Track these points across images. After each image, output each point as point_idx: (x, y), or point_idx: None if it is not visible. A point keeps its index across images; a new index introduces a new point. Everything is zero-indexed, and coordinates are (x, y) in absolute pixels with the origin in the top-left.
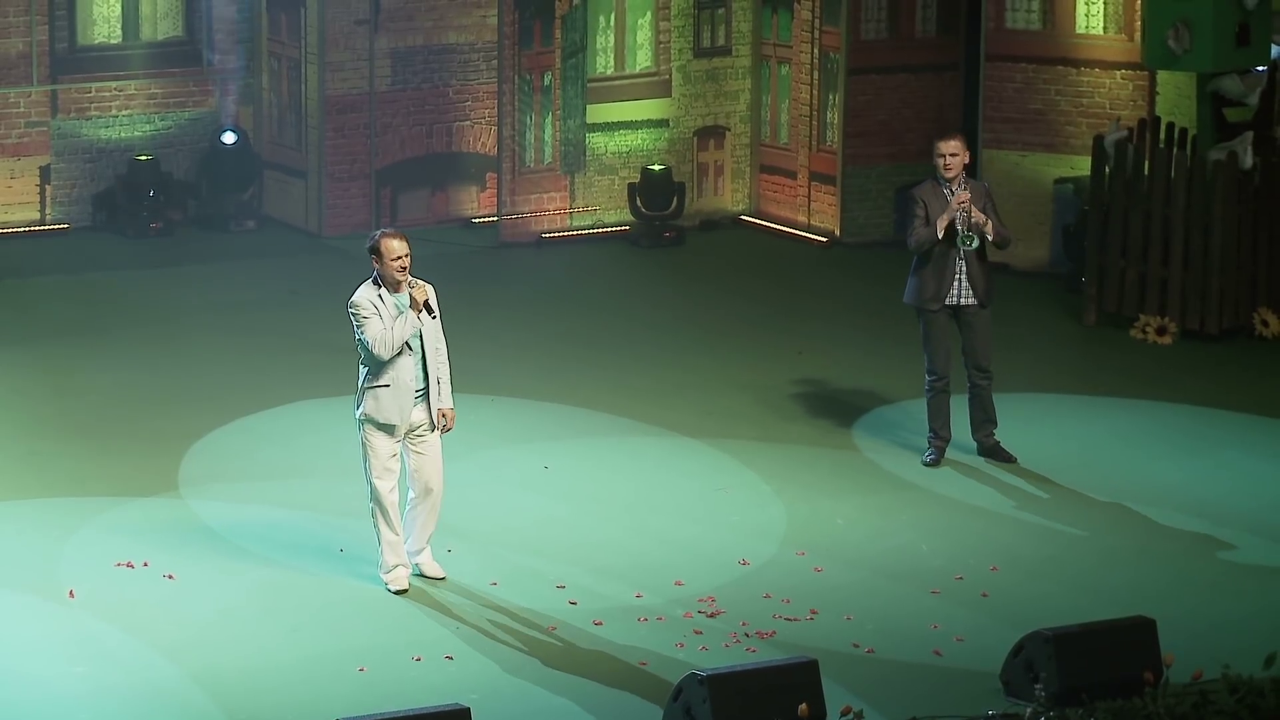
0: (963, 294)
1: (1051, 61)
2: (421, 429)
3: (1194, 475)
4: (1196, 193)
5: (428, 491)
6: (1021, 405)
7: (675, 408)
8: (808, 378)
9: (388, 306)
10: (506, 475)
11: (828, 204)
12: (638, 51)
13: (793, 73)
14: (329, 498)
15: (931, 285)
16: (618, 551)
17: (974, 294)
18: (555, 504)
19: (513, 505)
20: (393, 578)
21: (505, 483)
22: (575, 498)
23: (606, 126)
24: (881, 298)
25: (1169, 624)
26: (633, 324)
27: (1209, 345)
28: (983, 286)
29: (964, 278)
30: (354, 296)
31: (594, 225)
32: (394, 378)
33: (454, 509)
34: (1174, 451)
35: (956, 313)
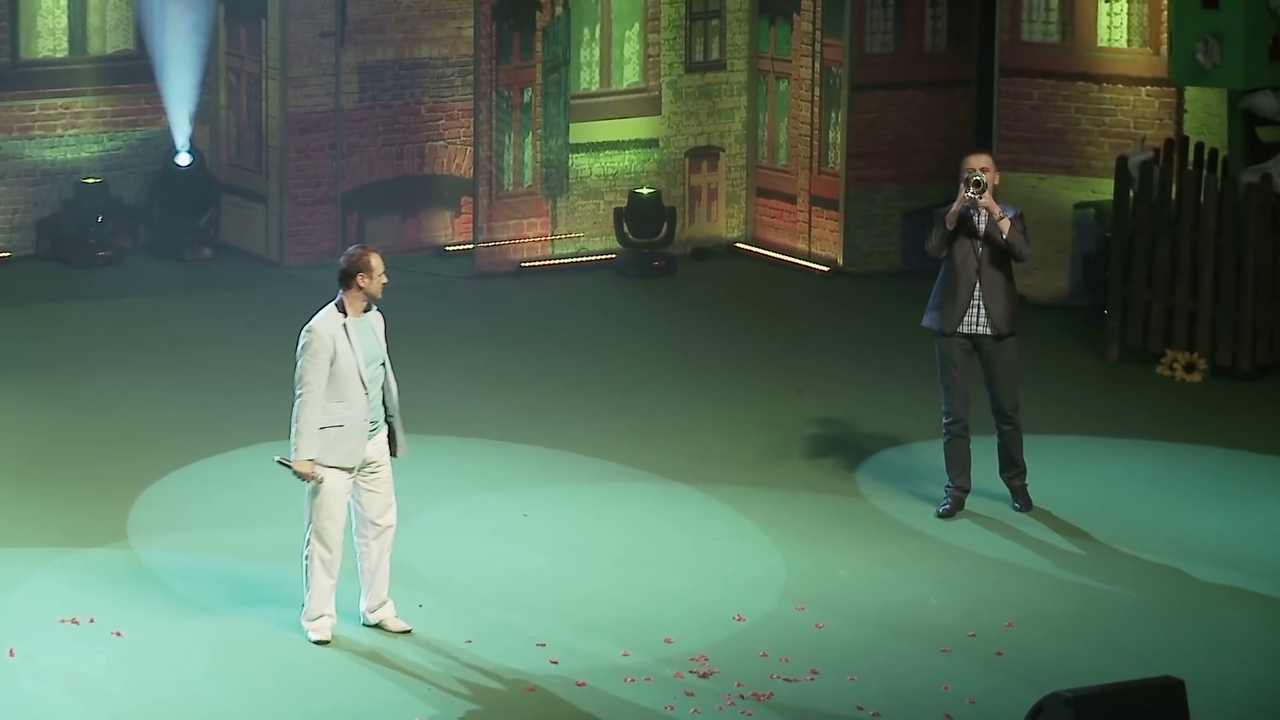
0: (978, 322)
1: (1071, 77)
2: (374, 465)
3: (1226, 523)
4: (1228, 218)
5: (382, 529)
6: (1040, 448)
7: (665, 450)
8: (808, 418)
9: (352, 337)
10: (483, 523)
11: (830, 231)
12: (625, 66)
13: (792, 89)
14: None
15: (945, 307)
16: (603, 606)
17: (990, 322)
18: (535, 554)
19: (489, 556)
20: (317, 627)
21: (481, 531)
22: (557, 548)
23: (591, 147)
24: (888, 331)
25: (1200, 686)
26: (620, 360)
27: (1241, 383)
28: (1001, 314)
29: (980, 303)
30: (313, 322)
31: (578, 253)
32: (347, 417)
33: (426, 560)
34: (1204, 497)
35: (976, 345)
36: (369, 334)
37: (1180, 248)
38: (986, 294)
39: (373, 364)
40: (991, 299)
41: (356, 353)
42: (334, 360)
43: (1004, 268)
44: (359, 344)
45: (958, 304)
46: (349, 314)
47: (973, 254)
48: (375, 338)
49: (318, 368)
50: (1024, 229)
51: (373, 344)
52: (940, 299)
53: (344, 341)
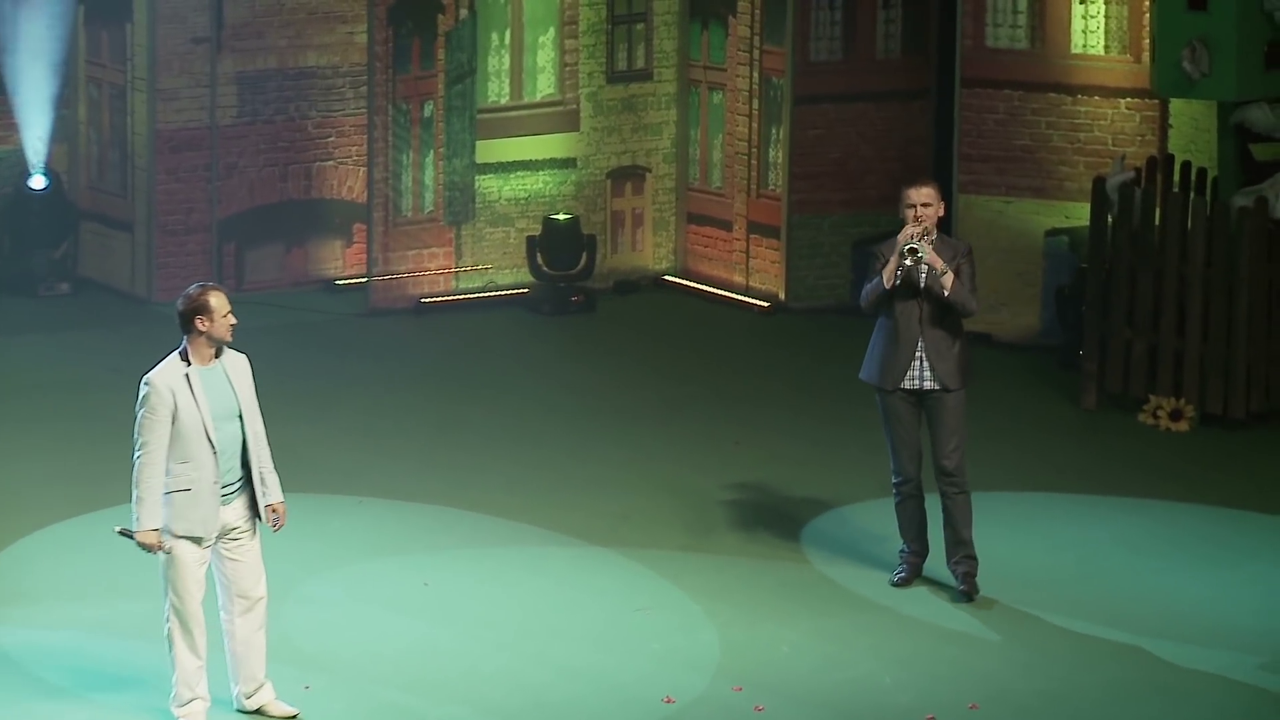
0: (922, 376)
1: (1042, 87)
2: (236, 531)
3: (1216, 592)
4: (1218, 247)
5: (252, 603)
6: (1006, 506)
7: (584, 510)
8: (746, 473)
9: (195, 389)
10: (377, 594)
11: (770, 261)
12: (538, 76)
13: (727, 101)
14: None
15: (885, 362)
16: (513, 687)
17: (934, 376)
18: (436, 629)
19: (385, 630)
20: (188, 713)
21: (376, 603)
22: (461, 621)
23: (501, 167)
24: (837, 375)
25: None
26: (532, 409)
27: (1234, 433)
28: (948, 366)
29: (923, 355)
30: (150, 374)
31: (485, 288)
32: (194, 480)
33: (313, 636)
34: (1192, 562)
35: (921, 401)
36: (220, 384)
37: (1165, 280)
38: (931, 350)
39: (224, 418)
40: (937, 355)
41: (201, 407)
42: (175, 416)
43: (951, 321)
44: (205, 397)
45: (899, 360)
46: (193, 362)
47: (916, 308)
48: (230, 387)
49: (157, 425)
50: (973, 272)
51: (225, 395)
52: (880, 351)
53: (185, 395)
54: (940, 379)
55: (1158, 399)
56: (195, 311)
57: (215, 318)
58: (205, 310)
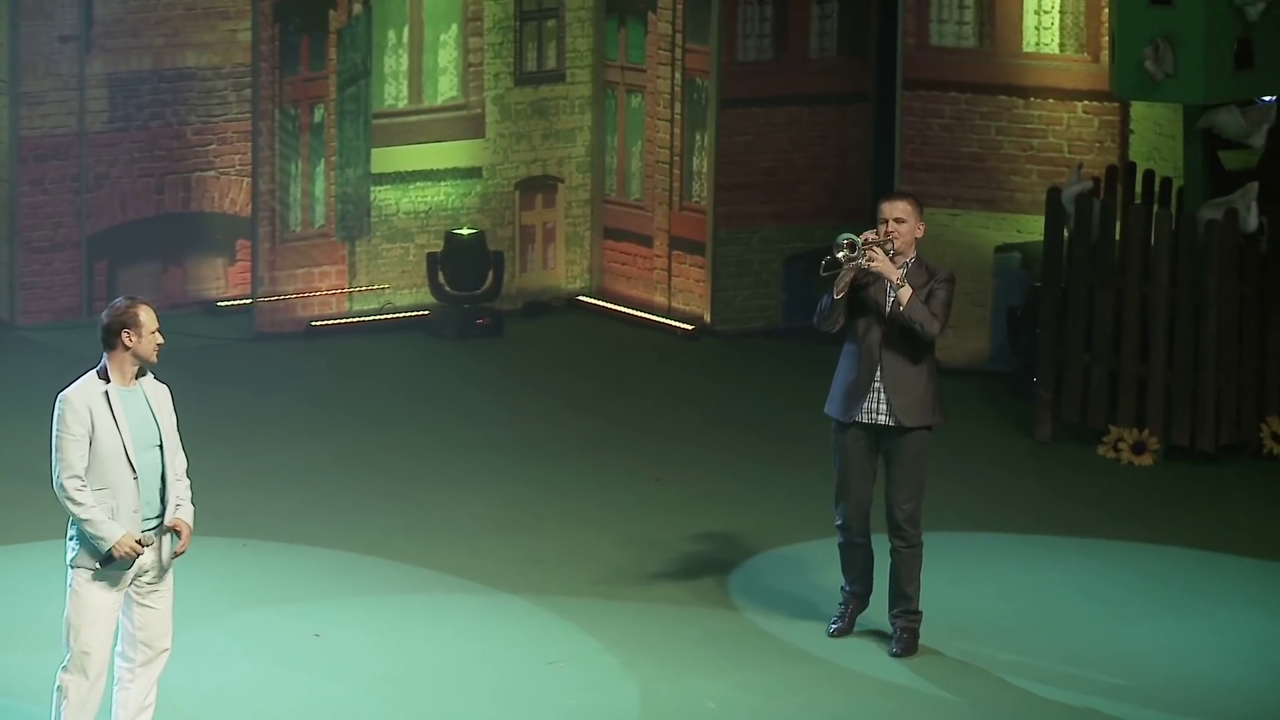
0: (877, 409)
1: (991, 89)
2: (152, 574)
3: (1183, 641)
4: (1185, 264)
5: (155, 654)
6: (952, 549)
7: (491, 554)
8: (668, 513)
9: (116, 409)
10: (264, 645)
11: (694, 280)
12: (440, 77)
13: (647, 105)
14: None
15: (845, 391)
16: None
17: (890, 411)
18: (329, 684)
19: (272, 686)
20: None
21: (263, 655)
22: (357, 675)
23: (398, 178)
24: (767, 406)
25: None
26: (433, 442)
27: (1202, 467)
28: (905, 402)
29: (880, 386)
30: (67, 391)
31: (382, 310)
32: (112, 507)
33: (194, 691)
34: (1156, 610)
35: (878, 438)
36: (140, 408)
37: (1126, 301)
38: (889, 381)
39: (144, 446)
40: (895, 386)
41: (122, 428)
42: (93, 437)
43: (915, 349)
44: (126, 418)
45: (856, 387)
46: (113, 380)
47: (875, 327)
48: (150, 413)
49: (76, 445)
50: (947, 300)
51: (146, 421)
52: (840, 380)
53: (104, 414)
54: (896, 414)
55: (1119, 430)
56: (122, 325)
57: (143, 334)
58: (133, 325)
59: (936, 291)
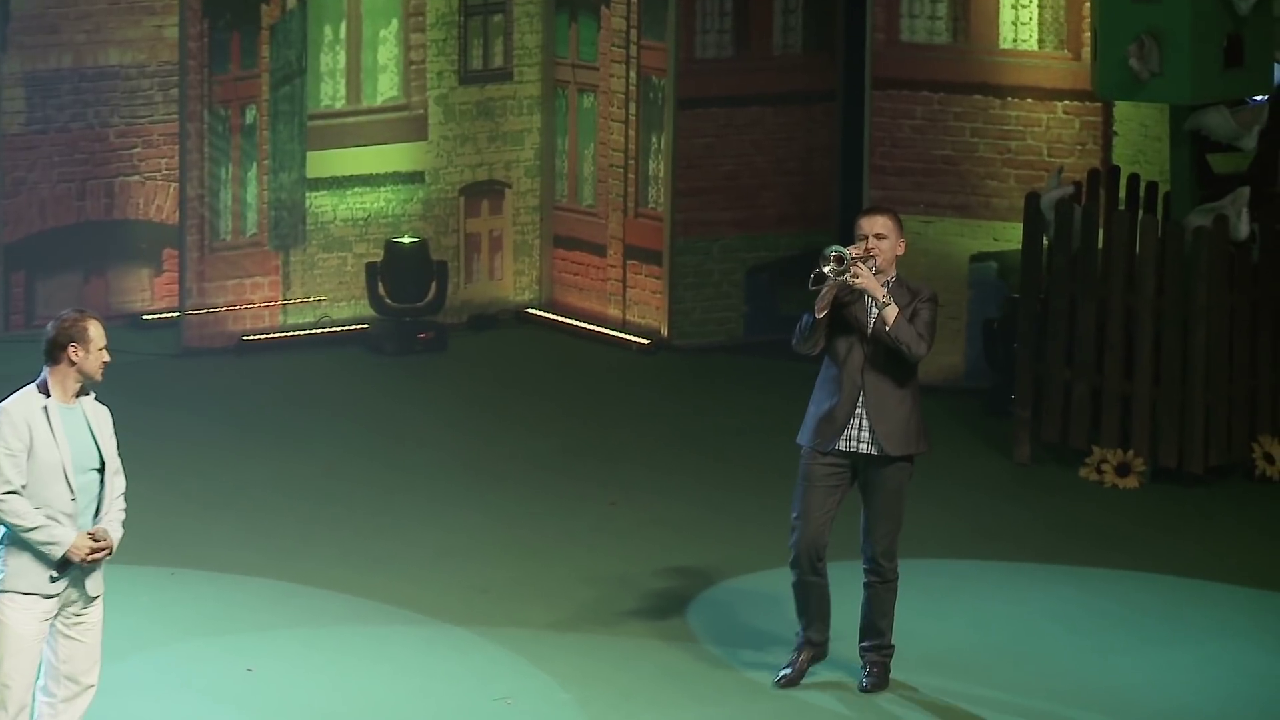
0: (859, 436)
1: (966, 88)
2: (82, 604)
3: (1169, 674)
4: (1172, 274)
5: (80, 690)
6: (926, 577)
7: (434, 584)
8: (623, 539)
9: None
10: (194, 680)
11: (651, 292)
12: (379, 76)
13: (600, 105)
14: None
15: (822, 418)
16: None
17: (873, 438)
18: None
19: None
20: None
21: (192, 690)
22: (291, 712)
23: (335, 183)
24: (728, 425)
25: None
26: (373, 465)
27: (1190, 490)
28: (889, 429)
29: (863, 411)
30: (7, 403)
31: (318, 323)
32: None
33: None
34: (1142, 642)
35: (857, 468)
36: (80, 427)
37: (1110, 313)
38: (872, 402)
39: (83, 468)
40: (878, 409)
41: (62, 446)
42: (31, 453)
43: (899, 369)
44: (65, 436)
45: (836, 414)
46: (53, 396)
47: (857, 349)
48: (90, 434)
49: (11, 460)
50: (931, 320)
51: (86, 441)
52: (817, 406)
53: (44, 431)
54: (879, 442)
55: (1102, 451)
56: (69, 340)
57: (90, 350)
58: (81, 340)
59: (920, 311)
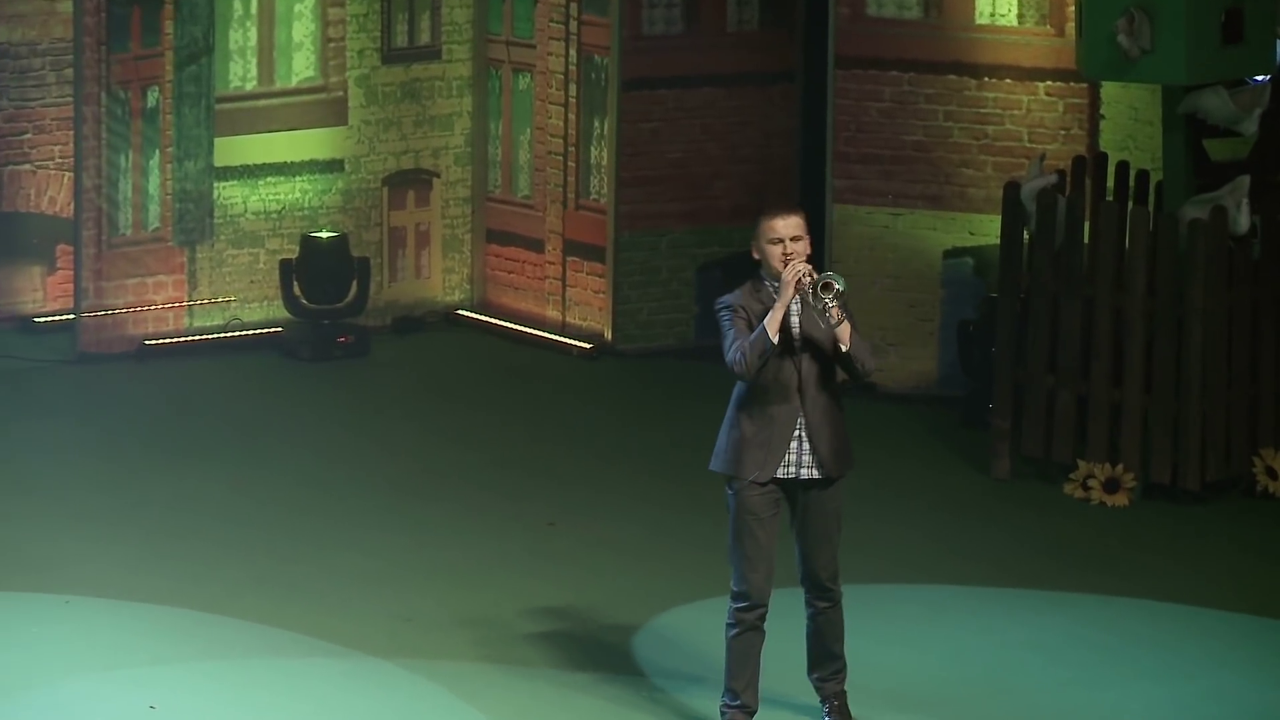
0: (801, 461)
1: (938, 68)
2: None
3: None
4: (1164, 271)
5: None
6: (897, 604)
7: (355, 612)
8: (563, 564)
9: None
10: (92, 718)
11: (593, 291)
12: (294, 54)
13: (537, 87)
14: None
15: (753, 444)
16: None
17: (816, 460)
18: None
19: None
20: None
21: None
22: None
23: (246, 172)
24: (677, 437)
25: None
26: (286, 481)
27: (1185, 508)
28: (830, 448)
29: (804, 433)
30: None
31: (227, 326)
32: None
33: None
34: (1131, 674)
35: (791, 494)
36: None
37: (1097, 314)
38: (813, 427)
39: None
40: (818, 430)
41: None
42: None
43: (831, 383)
44: None
45: (774, 439)
46: None
47: (789, 365)
48: None
49: None
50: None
51: None
52: (744, 431)
53: None
54: (823, 464)
55: (1088, 465)
56: None
57: None
58: None
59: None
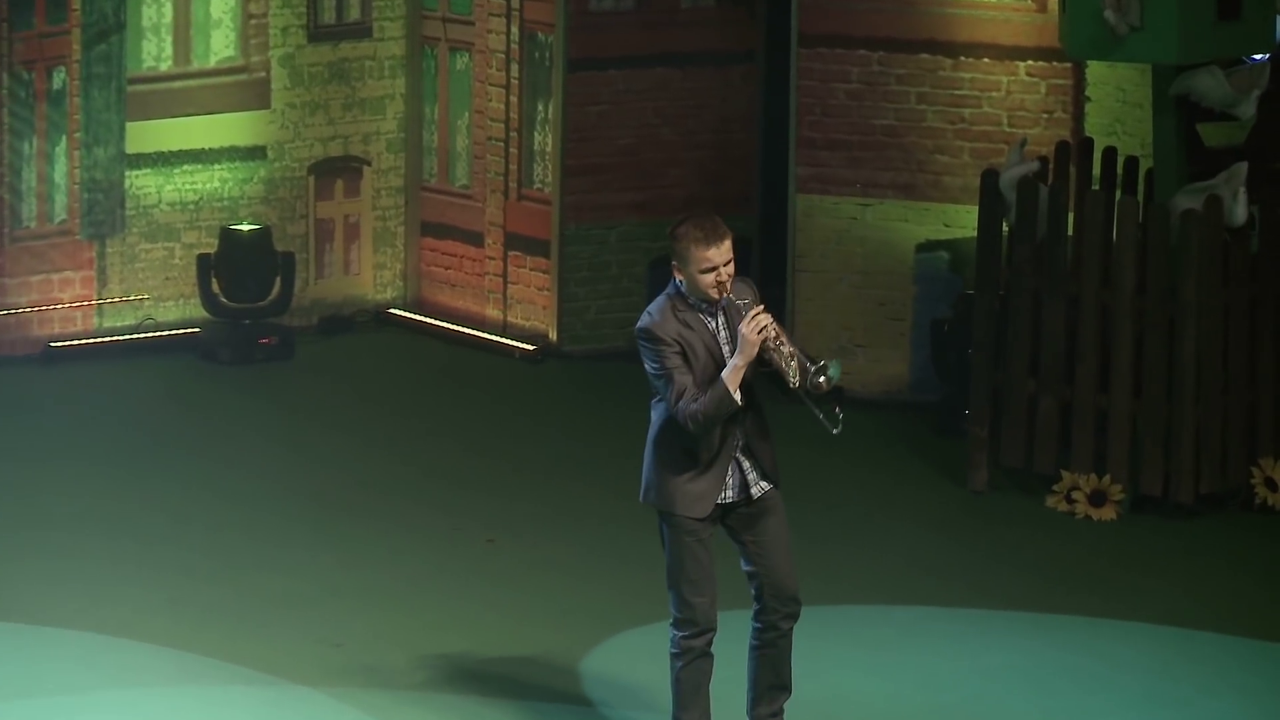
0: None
1: (911, 46)
2: None
3: None
4: (1155, 266)
5: None
6: (865, 628)
7: (279, 637)
8: (503, 584)
9: None
10: None
11: (536, 288)
12: (213, 32)
13: (475, 67)
14: None
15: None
16: None
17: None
18: None
19: None
20: None
21: None
22: None
23: (161, 159)
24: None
25: None
26: (203, 494)
27: (1178, 523)
28: (768, 459)
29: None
30: None
31: (139, 327)
32: None
33: None
34: (1121, 702)
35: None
36: None
37: (1082, 312)
38: (752, 438)
39: None
40: (758, 447)
41: None
42: None
43: (754, 390)
44: None
45: (716, 464)
46: None
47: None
48: None
49: None
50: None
51: None
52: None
53: None
54: (766, 474)
55: (1073, 477)
56: None
57: None
58: None
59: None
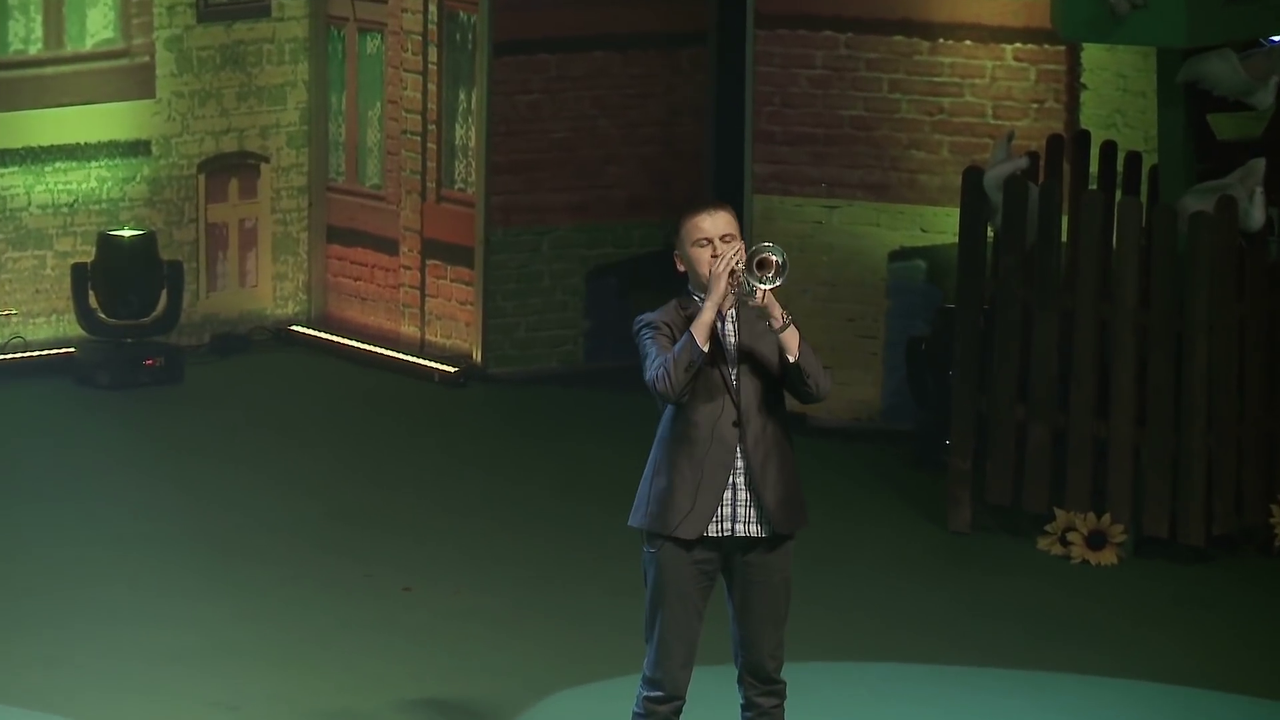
0: (735, 515)
1: (883, 28)
2: None
3: None
4: (1161, 276)
5: None
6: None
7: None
8: (425, 638)
9: None
10: None
11: (458, 302)
12: (89, 11)
13: (388, 51)
14: None
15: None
16: None
17: (761, 514)
18: None
19: None
20: None
21: None
22: None
23: (30, 156)
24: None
25: None
26: (78, 535)
27: (1186, 568)
28: (778, 497)
29: (746, 485)
30: None
31: (6, 345)
32: None
33: None
34: None
35: (728, 559)
36: None
37: (1078, 329)
38: (754, 467)
39: None
40: (762, 475)
41: None
42: None
43: (777, 411)
44: None
45: (704, 487)
46: None
47: (726, 390)
48: None
49: None
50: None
51: None
52: (670, 478)
53: None
54: (769, 518)
55: (1068, 516)
56: None
57: None
58: None
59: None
